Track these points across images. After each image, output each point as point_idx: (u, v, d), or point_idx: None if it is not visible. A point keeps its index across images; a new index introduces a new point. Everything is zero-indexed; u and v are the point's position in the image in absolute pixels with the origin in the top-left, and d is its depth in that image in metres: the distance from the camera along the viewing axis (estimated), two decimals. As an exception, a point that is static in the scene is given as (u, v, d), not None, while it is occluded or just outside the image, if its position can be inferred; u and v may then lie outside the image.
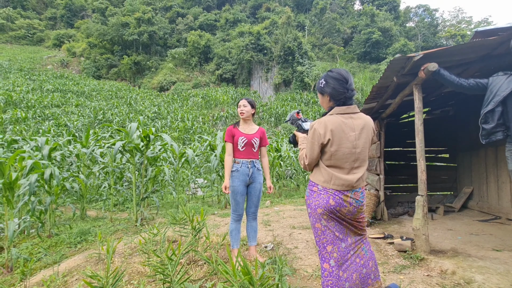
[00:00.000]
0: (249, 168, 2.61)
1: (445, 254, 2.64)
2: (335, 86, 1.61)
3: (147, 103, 23.77)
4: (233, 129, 2.67)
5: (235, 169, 2.62)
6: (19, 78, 26.72)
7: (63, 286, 2.35)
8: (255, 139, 2.66)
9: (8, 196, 3.05)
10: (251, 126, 2.75)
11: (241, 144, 2.61)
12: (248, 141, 2.63)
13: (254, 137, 2.66)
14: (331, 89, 1.62)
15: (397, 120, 5.59)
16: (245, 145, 2.62)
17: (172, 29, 40.77)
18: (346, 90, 1.61)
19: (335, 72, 1.64)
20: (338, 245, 1.59)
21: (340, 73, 1.62)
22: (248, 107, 2.68)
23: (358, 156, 1.60)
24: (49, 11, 49.21)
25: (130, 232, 3.98)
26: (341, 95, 1.61)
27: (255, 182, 2.66)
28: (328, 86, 1.63)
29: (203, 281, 2.20)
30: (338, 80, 1.61)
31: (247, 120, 2.73)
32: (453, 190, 5.40)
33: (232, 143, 2.65)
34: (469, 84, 2.58)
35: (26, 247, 3.49)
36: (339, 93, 1.61)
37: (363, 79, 27.28)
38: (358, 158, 1.60)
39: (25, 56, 35.79)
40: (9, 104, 18.24)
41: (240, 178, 2.59)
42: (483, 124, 2.58)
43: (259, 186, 2.67)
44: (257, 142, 2.68)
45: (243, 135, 2.63)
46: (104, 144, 5.54)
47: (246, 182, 2.62)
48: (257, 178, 2.66)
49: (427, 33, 40.14)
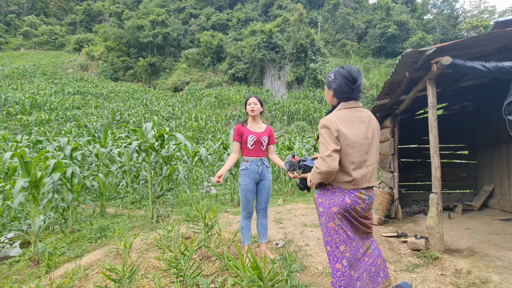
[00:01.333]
0: (258, 166, 2.64)
1: (460, 253, 2.57)
2: (341, 84, 1.61)
3: (162, 104, 24.31)
4: (242, 127, 2.69)
5: (244, 167, 2.65)
6: (43, 82, 28.09)
7: (85, 278, 2.48)
8: (264, 138, 2.68)
9: (34, 194, 3.25)
10: (260, 124, 2.76)
11: (251, 142, 2.63)
12: (258, 139, 2.64)
13: (263, 135, 2.68)
14: (337, 85, 1.63)
15: (412, 116, 5.45)
16: (255, 143, 2.64)
17: (185, 30, 41.41)
18: (352, 90, 1.60)
19: (346, 69, 1.63)
20: (350, 244, 1.58)
21: (351, 72, 1.60)
22: (258, 105, 2.69)
23: (370, 148, 1.60)
24: (69, 17, 51.30)
25: (146, 228, 4.12)
26: (344, 93, 1.61)
27: (265, 179, 2.69)
28: (335, 82, 1.64)
29: (215, 276, 2.26)
30: (346, 78, 1.60)
31: (255, 118, 2.74)
32: (472, 188, 5.20)
33: (240, 142, 2.68)
34: (493, 68, 2.41)
35: (51, 242, 3.70)
36: (343, 91, 1.61)
37: (378, 75, 26.59)
38: (369, 150, 1.60)
39: (48, 61, 37.53)
40: (34, 106, 19.22)
41: (250, 176, 2.62)
42: (508, 115, 2.44)
43: (268, 183, 2.70)
44: (265, 140, 2.70)
45: (253, 133, 2.65)
46: (121, 144, 5.75)
47: (256, 180, 2.65)
48: (266, 175, 2.69)
49: (447, 25, 38.46)
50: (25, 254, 3.34)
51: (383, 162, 4.85)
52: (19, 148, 5.21)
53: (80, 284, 2.35)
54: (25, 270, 2.98)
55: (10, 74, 29.01)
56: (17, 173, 4.88)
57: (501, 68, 2.39)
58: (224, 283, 2.14)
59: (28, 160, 3.37)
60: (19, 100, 19.02)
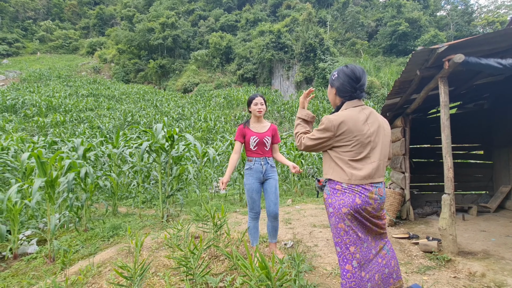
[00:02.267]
0: (262, 165, 2.60)
1: (475, 256, 2.50)
2: (344, 82, 1.62)
3: (171, 105, 24.64)
4: (244, 128, 2.64)
5: (248, 167, 2.62)
6: (58, 84, 28.97)
7: (98, 275, 2.55)
8: (266, 138, 2.61)
9: (50, 193, 3.36)
10: (263, 123, 2.70)
11: (253, 144, 2.58)
12: (260, 140, 2.59)
13: (265, 136, 2.61)
14: (340, 84, 1.64)
15: (424, 116, 5.33)
16: (257, 145, 2.59)
17: (194, 32, 41.84)
18: (355, 90, 1.60)
19: (349, 68, 1.63)
20: (361, 245, 1.57)
21: (354, 71, 1.61)
22: (264, 105, 2.65)
23: (374, 145, 1.58)
24: (82, 21, 52.77)
25: (157, 227, 4.20)
26: (347, 92, 1.62)
27: (270, 178, 2.63)
28: (338, 80, 1.64)
29: (224, 275, 2.29)
30: (349, 77, 1.60)
31: (260, 118, 2.68)
32: (488, 189, 5.04)
33: (242, 142, 2.64)
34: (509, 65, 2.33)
35: (66, 240, 3.82)
36: (345, 90, 1.62)
37: (389, 74, 26.10)
38: (373, 147, 1.58)
39: (63, 64, 38.69)
40: (50, 109, 19.85)
41: (254, 175, 2.59)
42: None
43: (274, 182, 2.63)
44: (268, 141, 2.62)
45: (255, 134, 2.59)
46: (132, 145, 5.88)
47: (260, 179, 2.61)
48: (271, 175, 2.63)
49: (461, 21, 37.36)
50: (41, 251, 3.46)
51: (394, 162, 4.77)
52: (36, 149, 5.40)
53: (93, 281, 2.42)
54: (42, 266, 3.09)
55: (27, 77, 30.07)
56: (34, 173, 5.06)
57: None
58: (232, 282, 2.16)
59: (44, 160, 3.49)
60: (36, 103, 19.69)
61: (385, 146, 1.64)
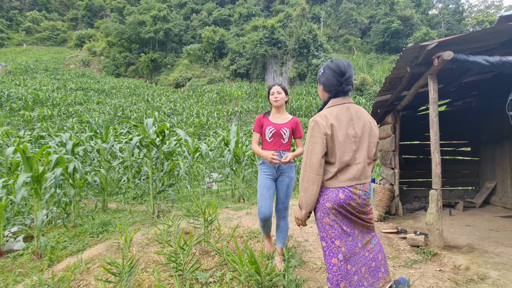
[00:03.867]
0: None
1: (460, 250, 2.57)
2: (329, 77, 1.61)
3: (163, 100, 24.32)
4: (263, 118, 2.45)
5: (262, 161, 2.41)
6: (45, 77, 28.17)
7: (86, 272, 2.52)
8: (284, 129, 2.36)
9: (36, 189, 3.28)
10: (284, 115, 2.47)
11: (269, 134, 2.36)
12: (277, 131, 2.35)
13: (283, 127, 2.37)
14: (325, 79, 1.63)
15: (414, 113, 5.41)
16: (273, 136, 2.36)
17: (187, 26, 41.20)
18: (340, 83, 1.59)
19: (334, 63, 1.62)
20: (346, 239, 1.58)
21: (339, 65, 1.59)
22: (283, 94, 2.41)
23: (359, 145, 1.58)
24: (70, 12, 51.21)
25: (148, 223, 4.16)
26: (333, 87, 1.60)
27: (283, 175, 2.37)
28: (324, 76, 1.64)
29: (214, 271, 2.28)
30: (334, 71, 1.59)
31: (279, 109, 2.46)
32: (474, 185, 5.18)
33: (260, 133, 2.44)
34: (496, 63, 2.35)
35: (54, 236, 3.75)
36: (331, 84, 1.60)
37: (382, 71, 26.38)
38: (359, 147, 1.58)
39: (50, 57, 37.58)
40: (37, 102, 19.31)
41: (268, 171, 2.37)
42: (511, 111, 2.40)
43: (287, 179, 2.37)
44: (286, 132, 2.37)
45: (272, 125, 2.38)
46: (122, 140, 5.78)
47: (273, 175, 2.37)
48: (285, 171, 2.37)
49: (452, 20, 37.94)
50: (28, 248, 3.38)
51: (384, 158, 4.83)
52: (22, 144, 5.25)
53: (81, 278, 2.38)
54: (28, 263, 3.03)
55: (12, 70, 29.12)
56: (20, 168, 4.93)
57: (505, 63, 2.35)
58: (222, 277, 2.16)
59: (30, 155, 3.40)
60: (22, 96, 19.11)
61: (371, 147, 1.63)
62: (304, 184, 1.55)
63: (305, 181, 1.55)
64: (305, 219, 1.63)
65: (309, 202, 1.56)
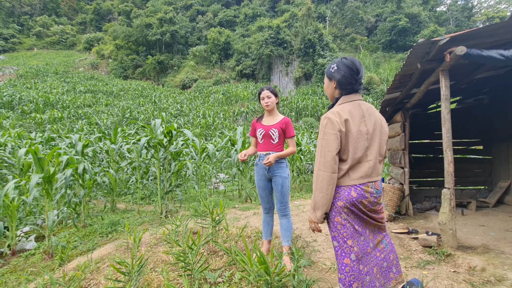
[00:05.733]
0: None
1: (474, 250, 2.49)
2: (346, 75, 1.57)
3: (170, 101, 24.52)
4: (256, 123, 2.59)
5: (255, 163, 2.54)
6: (55, 81, 28.76)
7: (96, 271, 2.54)
8: (272, 130, 2.44)
9: (47, 189, 3.33)
10: (275, 117, 2.55)
11: (260, 136, 2.49)
12: (266, 132, 2.46)
13: (272, 128, 2.45)
14: (341, 76, 1.58)
15: (424, 111, 5.30)
16: (263, 137, 2.48)
17: (192, 27, 41.50)
18: (355, 81, 1.56)
19: (349, 60, 1.59)
20: (358, 238, 1.55)
21: (354, 62, 1.57)
22: (272, 98, 2.51)
23: (371, 142, 1.55)
24: (79, 17, 52.21)
25: (156, 223, 4.18)
26: (349, 85, 1.57)
27: (275, 176, 2.44)
28: (339, 73, 1.59)
29: (222, 271, 2.27)
30: (350, 69, 1.56)
31: (272, 112, 2.56)
32: (487, 184, 5.04)
33: (255, 136, 2.58)
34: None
35: (64, 236, 3.81)
36: (348, 82, 1.57)
37: (389, 70, 26.03)
38: (370, 144, 1.55)
39: (60, 60, 38.36)
40: (47, 105, 19.72)
41: (259, 172, 2.50)
42: None
43: (280, 180, 2.44)
44: (275, 133, 2.44)
45: (262, 127, 2.50)
46: (130, 141, 5.84)
47: (265, 176, 2.48)
48: (276, 172, 2.43)
49: (461, 16, 37.18)
50: (39, 248, 3.44)
51: (393, 157, 4.75)
52: (33, 145, 5.35)
53: (91, 277, 2.40)
54: (40, 262, 3.07)
55: (24, 73, 29.82)
56: (32, 169, 5.02)
57: None
58: (231, 277, 2.14)
59: (41, 156, 3.45)
60: (33, 99, 19.54)
61: (382, 144, 1.60)
62: (318, 184, 1.51)
63: (320, 180, 1.50)
64: (320, 221, 1.58)
65: (324, 202, 1.52)
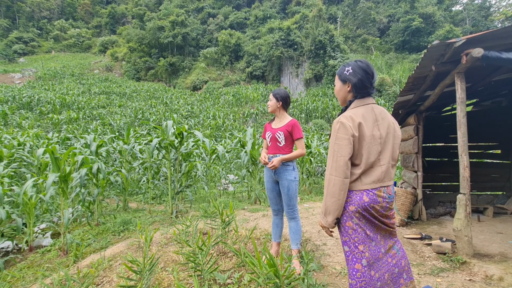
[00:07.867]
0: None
1: (491, 259, 2.41)
2: (363, 78, 1.54)
3: (181, 102, 24.86)
4: (267, 125, 2.67)
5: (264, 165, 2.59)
6: (71, 82, 29.69)
7: (109, 269, 2.60)
8: (278, 133, 2.49)
9: (63, 188, 3.44)
10: (283, 120, 2.58)
11: (268, 139, 2.58)
12: (273, 135, 2.53)
13: (278, 130, 2.50)
14: (357, 80, 1.55)
15: (438, 113, 5.17)
16: (271, 140, 2.55)
17: (203, 30, 42.01)
18: (370, 85, 1.55)
19: (364, 63, 1.57)
20: (369, 244, 1.53)
21: (369, 65, 1.56)
22: (273, 101, 2.57)
23: (384, 146, 1.53)
24: (95, 20, 53.80)
25: (166, 223, 4.24)
26: (365, 88, 1.55)
27: (281, 179, 2.47)
28: (355, 76, 1.56)
29: (232, 272, 2.28)
30: (366, 72, 1.54)
31: (278, 115, 2.62)
32: (505, 190, 4.86)
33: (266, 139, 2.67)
34: None
35: (78, 234, 3.92)
36: (364, 86, 1.55)
37: (402, 71, 25.51)
38: (383, 148, 1.53)
39: (76, 63, 39.58)
40: (64, 106, 20.37)
41: (267, 174, 2.56)
42: None
43: (286, 183, 2.45)
44: (281, 136, 2.48)
45: (270, 130, 2.58)
46: (142, 141, 5.96)
47: (272, 178, 2.53)
48: (282, 175, 2.46)
49: (477, 16, 36.05)
50: (55, 244, 3.56)
51: (406, 161, 4.65)
52: (50, 145, 5.54)
53: (104, 274, 2.46)
54: (56, 259, 3.18)
55: (42, 75, 30.93)
56: (49, 168, 5.20)
57: None
58: (240, 279, 2.15)
59: (58, 156, 3.57)
60: (50, 100, 20.23)
61: (395, 149, 1.57)
62: (330, 189, 1.50)
63: (331, 185, 1.49)
64: (332, 226, 1.56)
65: (336, 208, 1.51)
